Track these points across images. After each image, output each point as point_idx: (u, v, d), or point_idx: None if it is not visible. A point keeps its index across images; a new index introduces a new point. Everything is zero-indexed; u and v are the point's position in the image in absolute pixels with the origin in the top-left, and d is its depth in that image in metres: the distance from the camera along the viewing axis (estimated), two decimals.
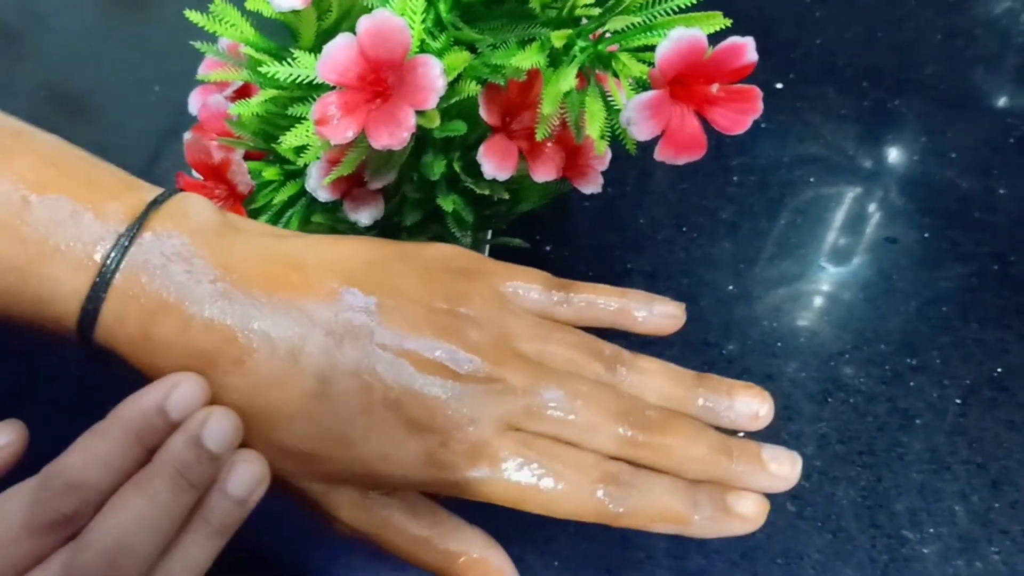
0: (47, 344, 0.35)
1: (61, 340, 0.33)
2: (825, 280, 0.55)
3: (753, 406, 0.35)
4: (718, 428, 0.35)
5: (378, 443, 0.31)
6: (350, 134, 0.30)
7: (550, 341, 0.34)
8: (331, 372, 0.31)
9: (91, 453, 0.29)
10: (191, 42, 0.39)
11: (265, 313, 0.32)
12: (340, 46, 0.30)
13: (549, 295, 0.36)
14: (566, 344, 0.35)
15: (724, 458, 0.33)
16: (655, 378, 0.35)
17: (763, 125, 0.62)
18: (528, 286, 0.36)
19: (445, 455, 0.32)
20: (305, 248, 0.34)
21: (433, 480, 0.32)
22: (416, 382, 0.32)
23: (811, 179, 0.60)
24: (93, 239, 0.32)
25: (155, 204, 0.33)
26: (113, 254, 0.31)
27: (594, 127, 0.32)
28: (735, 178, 0.60)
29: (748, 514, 0.33)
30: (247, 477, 0.30)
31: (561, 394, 0.33)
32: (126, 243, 0.31)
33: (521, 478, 0.32)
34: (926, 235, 0.57)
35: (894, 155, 0.61)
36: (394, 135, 0.30)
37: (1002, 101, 0.63)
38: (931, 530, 0.45)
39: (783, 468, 0.34)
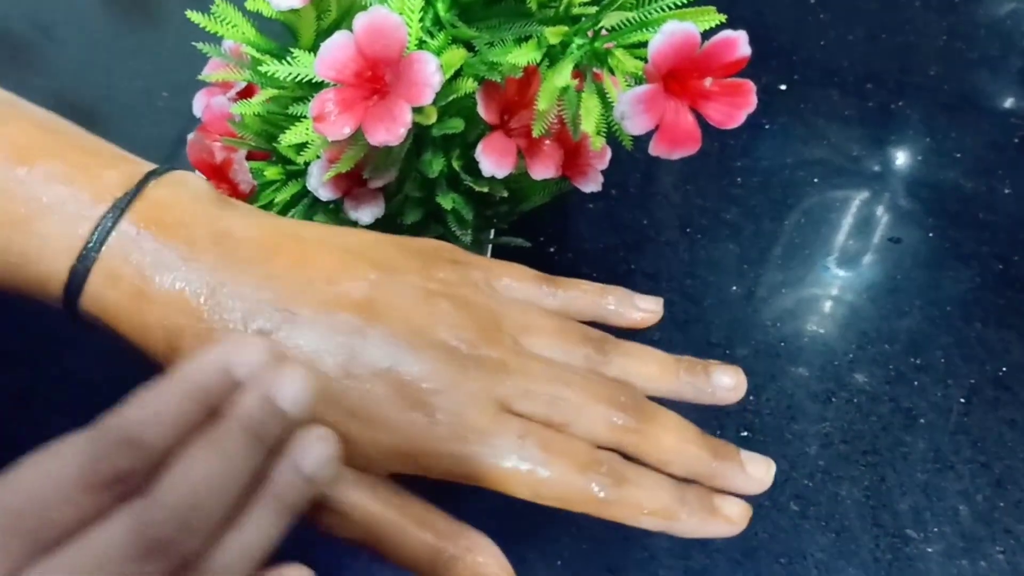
0: (52, 350, 0.35)
1: (36, 302, 0.33)
2: (828, 281, 0.55)
3: (727, 379, 0.36)
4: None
5: (369, 416, 0.31)
6: (347, 130, 0.31)
7: (540, 326, 0.35)
8: (325, 344, 0.31)
9: (150, 409, 0.27)
10: (194, 43, 0.39)
11: (260, 280, 0.32)
12: (337, 43, 0.31)
13: (538, 288, 0.36)
14: (555, 329, 0.35)
15: (709, 455, 0.33)
16: (640, 361, 0.36)
17: (766, 127, 0.62)
18: (517, 280, 0.36)
19: (436, 429, 0.31)
20: (301, 226, 0.34)
21: (423, 454, 0.32)
22: (409, 357, 0.32)
23: (814, 180, 0.60)
24: (88, 201, 0.32)
25: (153, 174, 0.33)
26: (109, 215, 0.31)
27: (590, 123, 0.32)
28: (738, 180, 0.60)
29: (733, 516, 0.33)
30: (319, 454, 0.29)
31: (553, 376, 0.33)
32: (123, 206, 0.32)
33: (511, 460, 0.32)
34: (930, 235, 0.57)
35: (897, 156, 0.61)
36: (390, 131, 0.31)
37: (1005, 102, 0.63)
38: (935, 529, 0.45)
39: (758, 470, 0.34)
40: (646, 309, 0.38)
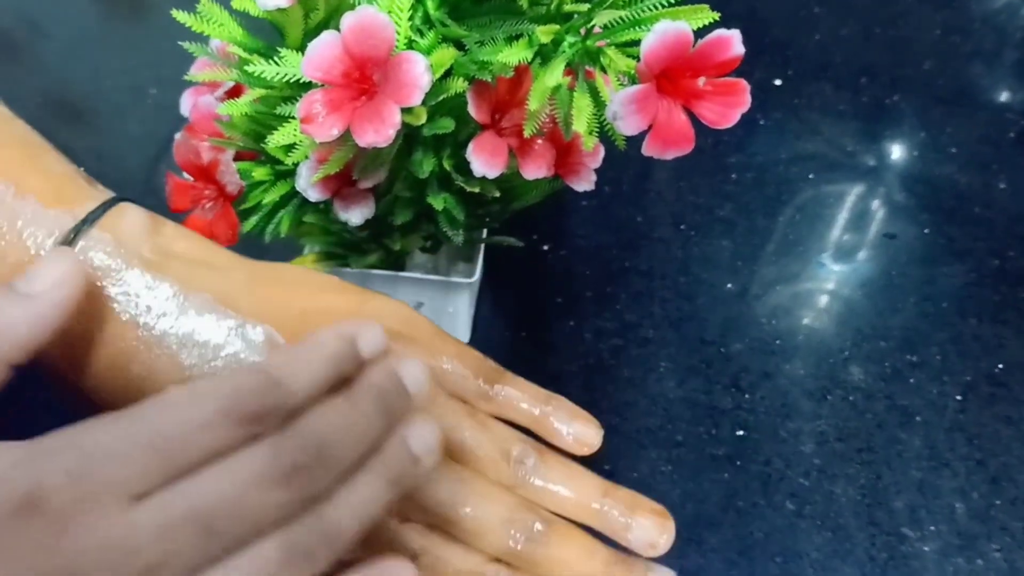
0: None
1: None
2: (823, 277, 0.55)
3: (652, 533, 0.36)
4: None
5: None
6: (335, 132, 0.30)
7: (463, 431, 0.35)
8: None
9: (293, 360, 0.29)
10: (180, 43, 0.39)
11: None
12: (324, 43, 0.30)
13: (477, 383, 0.37)
14: (477, 438, 0.35)
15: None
16: (560, 483, 0.36)
17: (761, 122, 0.62)
18: (459, 368, 0.36)
19: None
20: (246, 288, 0.35)
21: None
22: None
23: (809, 176, 0.59)
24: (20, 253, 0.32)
25: (86, 223, 0.33)
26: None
27: (581, 122, 0.32)
28: (733, 176, 0.59)
29: None
30: (426, 438, 0.30)
31: (457, 491, 0.33)
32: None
33: (402, 569, 0.31)
34: (925, 231, 0.56)
35: (892, 151, 0.60)
36: (379, 132, 0.30)
37: (1001, 96, 0.63)
38: (931, 528, 0.45)
39: None
40: (584, 437, 0.38)
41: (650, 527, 0.36)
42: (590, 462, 0.38)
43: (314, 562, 0.26)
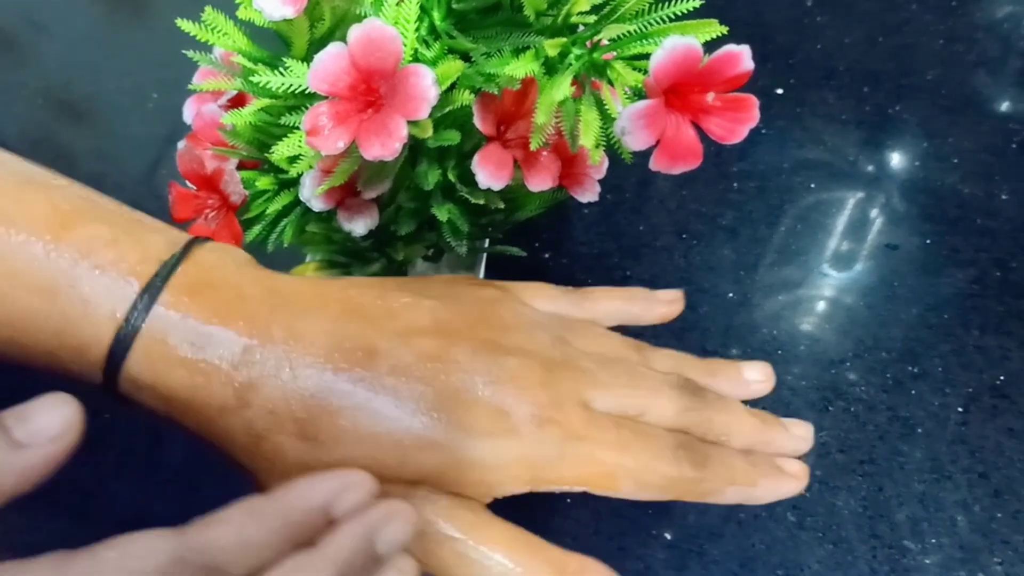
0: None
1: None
2: (825, 287, 0.55)
3: (758, 373, 0.39)
4: None
5: (482, 431, 0.32)
6: (341, 144, 0.30)
7: (589, 329, 0.37)
8: (415, 371, 0.32)
9: (243, 537, 0.26)
10: (185, 51, 0.39)
11: (326, 325, 0.32)
12: (331, 56, 0.30)
13: (568, 302, 0.38)
14: (602, 338, 0.37)
15: (761, 425, 0.36)
16: (677, 363, 0.38)
17: (763, 131, 0.62)
18: (549, 299, 0.38)
19: (543, 434, 0.32)
20: (340, 279, 0.35)
21: (538, 465, 0.32)
22: (496, 368, 0.33)
23: (811, 185, 0.59)
24: (135, 263, 0.31)
25: (196, 241, 0.33)
26: (157, 277, 0.31)
27: (588, 136, 0.32)
28: (735, 184, 0.59)
29: (798, 473, 0.36)
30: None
31: (621, 372, 0.35)
32: (170, 268, 0.31)
33: (608, 454, 0.32)
34: (927, 241, 0.56)
35: (895, 161, 0.60)
36: (386, 146, 0.30)
37: (1004, 106, 0.63)
38: (932, 540, 0.45)
39: (801, 430, 0.37)
40: (670, 299, 0.41)
41: (756, 371, 0.39)
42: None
43: None
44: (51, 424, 0.26)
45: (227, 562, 0.25)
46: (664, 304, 0.40)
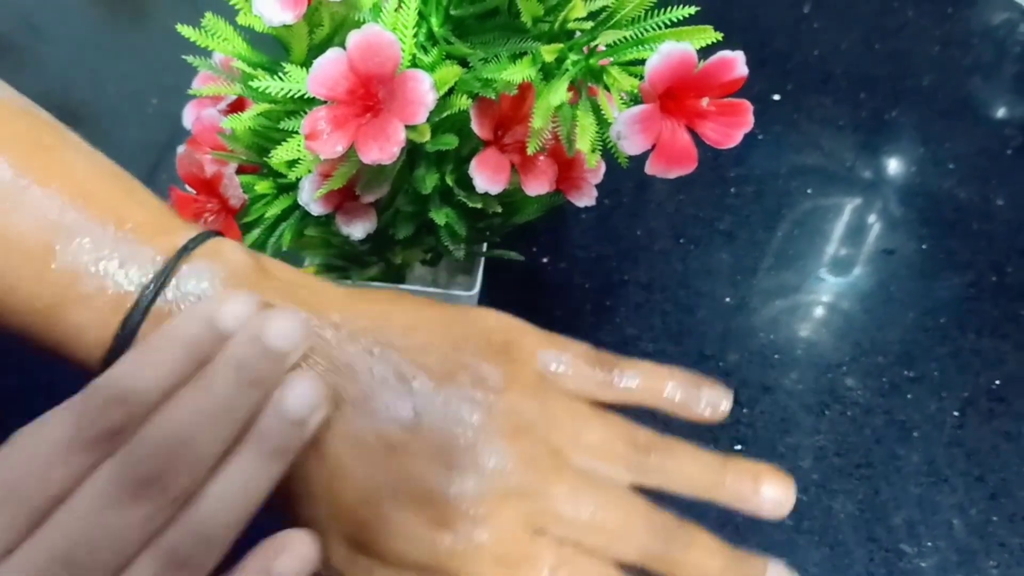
0: (43, 356, 0.34)
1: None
2: (823, 291, 0.55)
3: (779, 494, 0.34)
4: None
5: (397, 519, 0.30)
6: (339, 149, 0.30)
7: (586, 441, 0.32)
8: (360, 436, 0.30)
9: (139, 363, 0.27)
10: (184, 56, 0.39)
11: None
12: (330, 61, 0.30)
13: (592, 374, 0.34)
14: (600, 440, 0.33)
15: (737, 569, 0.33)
16: (685, 463, 0.33)
17: (760, 136, 0.62)
18: (571, 366, 0.34)
19: (461, 546, 0.30)
20: (342, 303, 0.32)
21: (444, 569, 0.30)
22: (448, 480, 0.30)
23: (808, 190, 0.60)
24: (117, 288, 0.30)
25: (185, 250, 0.31)
26: (141, 302, 0.30)
27: (584, 141, 0.32)
28: (732, 189, 0.60)
29: None
30: (304, 396, 0.28)
31: (592, 501, 0.31)
32: (151, 295, 0.30)
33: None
34: (924, 246, 0.57)
35: (891, 165, 0.61)
36: (384, 150, 0.30)
37: (999, 111, 0.63)
38: (929, 543, 0.45)
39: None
40: (714, 401, 0.34)
41: (776, 489, 0.34)
42: None
43: (195, 565, 0.26)
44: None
45: (130, 387, 0.26)
46: (707, 404, 0.34)
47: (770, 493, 0.34)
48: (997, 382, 0.51)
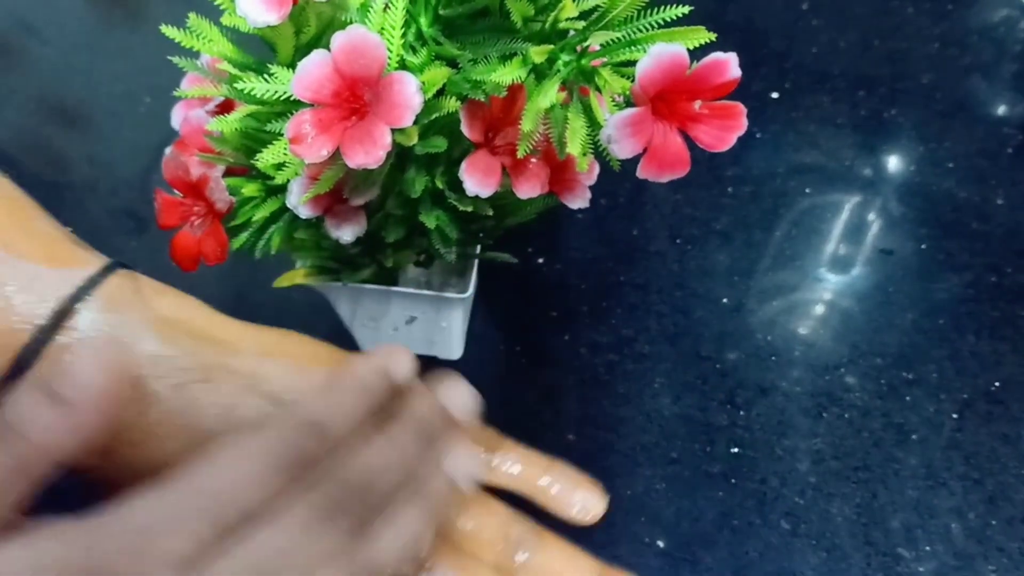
0: None
1: None
2: (820, 292, 0.54)
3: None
4: None
5: None
6: (324, 152, 0.30)
7: (465, 516, 0.33)
8: None
9: (333, 401, 0.30)
10: (170, 57, 0.38)
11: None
12: (314, 63, 0.30)
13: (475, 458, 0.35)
14: (479, 523, 0.34)
15: None
16: (557, 566, 0.34)
17: (758, 135, 0.61)
18: (454, 450, 0.34)
19: None
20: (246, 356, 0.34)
21: None
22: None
23: (806, 190, 0.59)
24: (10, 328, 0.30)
25: (84, 292, 0.31)
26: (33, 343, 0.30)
27: (575, 144, 0.31)
28: (729, 189, 0.59)
29: None
30: (466, 465, 0.32)
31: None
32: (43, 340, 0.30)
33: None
34: (922, 246, 0.56)
35: (890, 165, 0.60)
36: (370, 153, 0.30)
37: (999, 110, 0.63)
38: (927, 548, 0.45)
39: None
40: (587, 505, 0.36)
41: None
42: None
43: None
44: (95, 380, 0.28)
45: (325, 421, 0.29)
46: (581, 507, 0.35)
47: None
48: (996, 384, 0.50)
